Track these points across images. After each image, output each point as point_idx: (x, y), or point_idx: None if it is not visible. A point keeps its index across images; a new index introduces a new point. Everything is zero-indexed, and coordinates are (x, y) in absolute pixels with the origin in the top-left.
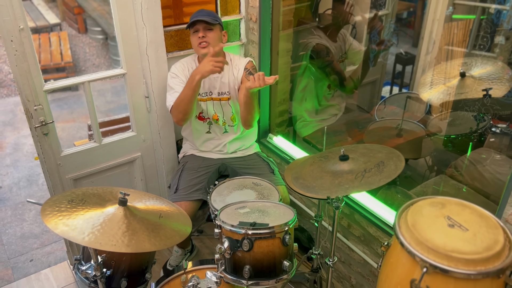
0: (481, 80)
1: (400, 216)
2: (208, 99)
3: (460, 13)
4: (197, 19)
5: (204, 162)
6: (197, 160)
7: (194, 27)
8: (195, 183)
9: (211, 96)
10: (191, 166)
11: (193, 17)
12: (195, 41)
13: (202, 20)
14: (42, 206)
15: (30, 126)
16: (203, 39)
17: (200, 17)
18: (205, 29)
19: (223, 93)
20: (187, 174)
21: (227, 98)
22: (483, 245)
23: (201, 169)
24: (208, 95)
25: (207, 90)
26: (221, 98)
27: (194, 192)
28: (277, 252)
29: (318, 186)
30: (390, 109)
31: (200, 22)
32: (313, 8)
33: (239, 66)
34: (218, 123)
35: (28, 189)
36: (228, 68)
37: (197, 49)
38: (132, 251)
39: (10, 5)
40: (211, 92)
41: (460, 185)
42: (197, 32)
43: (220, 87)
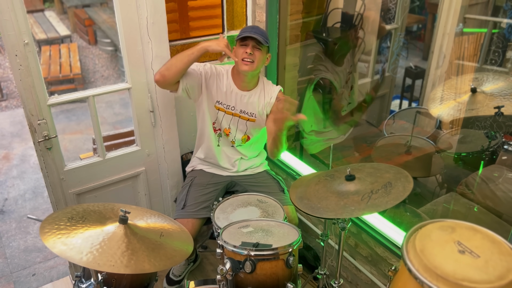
0: (492, 96)
1: (408, 240)
2: (228, 113)
3: (471, 27)
4: (251, 35)
5: (213, 179)
6: (206, 176)
7: (245, 41)
8: (203, 200)
9: (232, 111)
10: (199, 182)
11: (247, 31)
12: (240, 54)
13: (256, 37)
14: (41, 224)
15: (34, 140)
16: (250, 56)
17: (254, 34)
18: (254, 47)
19: (245, 112)
20: (195, 190)
21: (247, 118)
22: (495, 274)
23: (209, 185)
24: (231, 109)
25: (231, 103)
26: (241, 116)
27: (201, 210)
28: (280, 274)
29: (323, 208)
30: (399, 124)
31: (253, 38)
32: (321, 22)
33: (271, 94)
34: (228, 137)
35: (34, 201)
36: (259, 91)
37: (239, 63)
38: (131, 272)
39: (15, 20)
40: (233, 107)
41: (471, 204)
42: (246, 46)
43: (245, 105)
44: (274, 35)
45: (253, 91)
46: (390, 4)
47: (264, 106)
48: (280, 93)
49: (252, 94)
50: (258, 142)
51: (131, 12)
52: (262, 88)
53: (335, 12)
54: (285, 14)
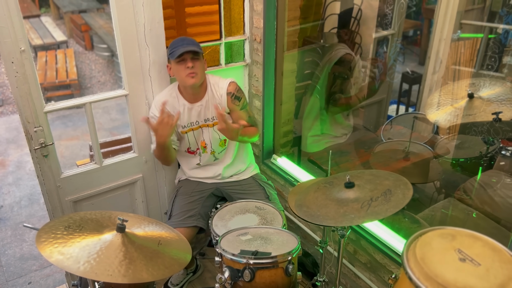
0: (489, 101)
1: (409, 248)
2: (195, 128)
3: (468, 32)
4: (186, 49)
5: (198, 187)
6: (191, 184)
7: (181, 57)
8: (189, 209)
9: (197, 125)
10: (184, 191)
11: (177, 45)
12: (182, 71)
13: (191, 50)
14: (38, 233)
15: (30, 147)
16: (192, 69)
17: (186, 46)
18: (193, 58)
19: (208, 119)
20: (180, 199)
21: (212, 125)
22: (496, 282)
23: (194, 193)
24: (195, 124)
25: (193, 120)
26: (208, 124)
27: (188, 219)
28: (280, 283)
29: (323, 215)
30: (396, 129)
31: (188, 52)
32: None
33: (221, 92)
34: (206, 151)
35: (29, 208)
36: (210, 95)
37: (185, 80)
38: (129, 282)
39: (11, 27)
40: (197, 122)
41: (469, 209)
42: (184, 61)
43: (205, 114)
44: (271, 41)
45: (205, 98)
46: (387, 10)
47: (220, 106)
48: (231, 85)
49: (205, 101)
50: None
51: (128, 18)
52: (211, 88)
53: (332, 18)
54: (283, 20)
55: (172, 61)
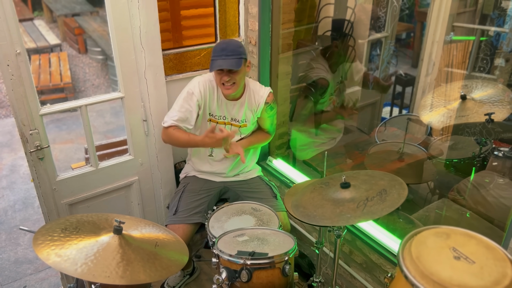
0: (482, 102)
1: (404, 247)
2: (221, 123)
3: (460, 34)
4: (222, 67)
5: (206, 185)
6: (199, 182)
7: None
8: (195, 206)
9: (223, 121)
10: (192, 188)
11: (217, 55)
12: (218, 79)
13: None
14: (35, 235)
15: (25, 150)
16: (228, 82)
17: (225, 59)
18: (230, 71)
19: (237, 120)
20: (187, 196)
21: (239, 126)
22: (491, 279)
23: (202, 191)
24: (222, 119)
25: (222, 113)
26: (233, 124)
27: (193, 215)
28: (276, 283)
29: (319, 215)
30: (390, 131)
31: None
32: (312, 30)
33: (259, 100)
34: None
35: (24, 212)
36: (246, 99)
37: (221, 88)
38: (127, 283)
39: (7, 30)
40: (224, 117)
41: (463, 210)
42: (221, 72)
43: (235, 113)
44: (266, 44)
45: (241, 99)
46: (380, 13)
47: (253, 111)
48: (270, 97)
49: (240, 102)
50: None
51: (124, 21)
52: (250, 94)
53: (326, 21)
54: (278, 23)
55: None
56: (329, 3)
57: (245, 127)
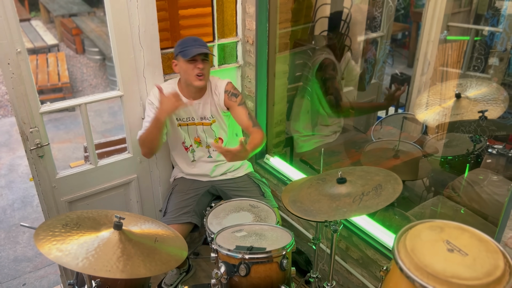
0: (476, 101)
1: (399, 240)
2: (190, 124)
3: (455, 34)
4: (199, 52)
5: (193, 185)
6: (187, 182)
7: (193, 57)
8: (183, 206)
9: (193, 122)
10: (180, 189)
11: (190, 45)
12: (191, 70)
13: (204, 52)
14: (36, 231)
15: (26, 148)
16: (202, 71)
17: (199, 47)
18: (203, 60)
19: (205, 117)
20: (175, 197)
21: (209, 123)
22: (483, 270)
23: (190, 191)
24: (190, 120)
25: (189, 115)
26: (204, 123)
27: (182, 215)
28: (274, 277)
29: (316, 210)
30: (386, 129)
31: (200, 54)
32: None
33: (219, 90)
34: (201, 145)
35: (23, 211)
36: (209, 94)
37: (192, 80)
38: (127, 277)
39: (7, 28)
40: (193, 118)
41: (458, 206)
42: (195, 62)
43: (202, 112)
44: (264, 43)
45: (204, 96)
46: (376, 13)
47: (218, 105)
48: (228, 85)
49: (203, 99)
50: (233, 141)
51: (123, 20)
52: (210, 89)
53: (322, 21)
54: (275, 22)
55: (181, 59)
56: (325, 3)
57: (214, 123)
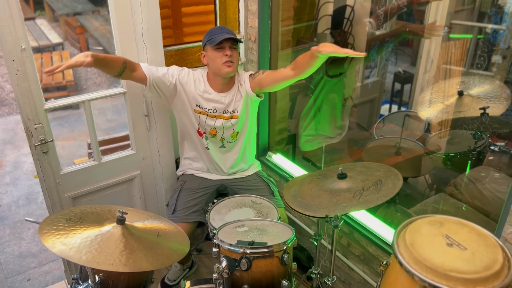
0: (479, 98)
1: (399, 235)
2: (211, 116)
3: (457, 32)
4: (226, 37)
5: (203, 183)
6: (196, 180)
7: (220, 44)
8: (193, 205)
9: (214, 114)
10: (189, 187)
11: (217, 33)
12: (219, 58)
13: (231, 37)
14: (40, 225)
15: (30, 144)
16: (230, 57)
17: (226, 34)
18: (231, 47)
19: (228, 111)
20: (185, 195)
21: (230, 117)
22: (482, 265)
23: (199, 190)
24: (212, 112)
25: (211, 107)
26: (225, 116)
27: (191, 214)
28: (275, 272)
29: (316, 205)
30: (389, 127)
31: (228, 40)
32: (312, 28)
33: (244, 79)
34: (215, 137)
35: (27, 207)
36: (237, 87)
37: (221, 68)
38: (130, 270)
39: (12, 26)
40: (215, 110)
41: (459, 204)
42: (223, 49)
43: (227, 106)
44: (266, 41)
45: (231, 90)
46: (379, 11)
47: (244, 95)
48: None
49: (231, 93)
50: (249, 139)
51: (126, 18)
52: (238, 81)
53: (325, 19)
54: (277, 20)
55: (209, 48)
56: (328, 1)
57: (236, 118)
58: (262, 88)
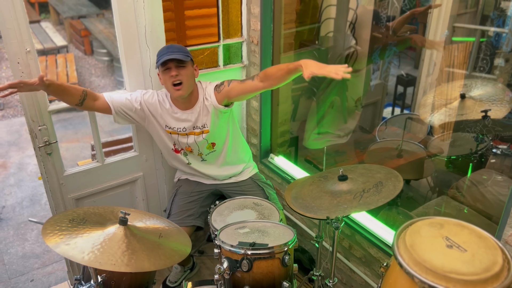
0: (481, 101)
1: (399, 237)
2: (182, 134)
3: (461, 35)
4: (169, 57)
5: (198, 187)
6: (191, 184)
7: (166, 65)
8: (187, 209)
9: (184, 132)
10: (184, 191)
11: (162, 53)
12: (167, 80)
13: (174, 58)
14: (44, 225)
15: (34, 146)
16: (177, 77)
17: (171, 54)
18: (178, 66)
19: (197, 127)
20: (179, 199)
21: (200, 132)
22: (481, 266)
23: (193, 193)
24: (182, 131)
25: (181, 126)
26: (196, 132)
27: (186, 218)
28: (276, 273)
29: (317, 206)
30: (391, 130)
31: (172, 60)
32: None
33: (209, 93)
34: (193, 153)
35: (31, 208)
36: (201, 101)
37: (171, 90)
38: (132, 271)
39: (17, 28)
40: (185, 129)
41: (461, 206)
42: (169, 70)
43: (195, 122)
44: (268, 43)
45: (196, 105)
46: (381, 14)
47: (211, 109)
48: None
49: (196, 109)
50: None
51: (130, 21)
52: (203, 95)
53: (328, 22)
54: (279, 23)
55: (159, 69)
56: (331, 4)
57: (207, 133)
58: (231, 99)
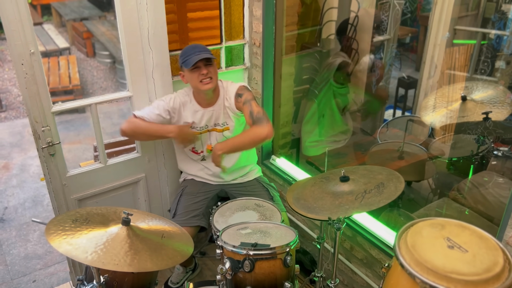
0: (482, 103)
1: (400, 237)
2: (203, 132)
3: (462, 38)
4: (199, 58)
5: (204, 187)
6: (197, 185)
7: (195, 65)
8: (193, 209)
9: (206, 129)
10: (190, 191)
11: (190, 53)
12: (195, 77)
13: (204, 57)
14: (47, 225)
15: (37, 146)
16: (207, 75)
17: (199, 53)
18: (206, 65)
19: (219, 124)
20: (185, 199)
21: (221, 130)
22: (482, 267)
23: (200, 194)
24: (204, 128)
25: (202, 124)
26: (217, 129)
27: (191, 218)
28: (278, 274)
29: (319, 207)
30: (392, 132)
31: (201, 60)
32: (316, 34)
33: (229, 95)
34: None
35: (33, 210)
36: (222, 100)
37: (200, 85)
38: (134, 271)
39: (21, 30)
40: (206, 125)
41: (463, 208)
42: (198, 69)
43: (216, 119)
44: (270, 46)
45: (217, 103)
46: (383, 16)
47: (230, 110)
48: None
49: (217, 106)
50: None
51: (133, 23)
52: (223, 95)
53: (330, 24)
54: (281, 25)
55: (185, 69)
56: (332, 7)
57: (228, 130)
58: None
